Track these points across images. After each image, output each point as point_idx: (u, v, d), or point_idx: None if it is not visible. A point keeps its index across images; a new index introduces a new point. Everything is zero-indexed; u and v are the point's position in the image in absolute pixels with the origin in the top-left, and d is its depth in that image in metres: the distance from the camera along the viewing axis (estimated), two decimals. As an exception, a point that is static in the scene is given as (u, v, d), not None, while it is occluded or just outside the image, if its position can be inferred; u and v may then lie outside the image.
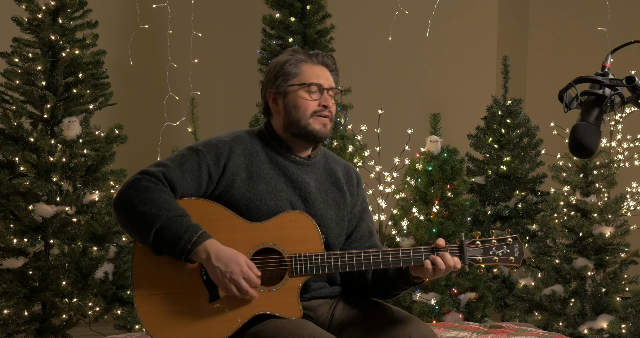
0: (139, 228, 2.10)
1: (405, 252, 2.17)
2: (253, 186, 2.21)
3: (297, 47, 2.34)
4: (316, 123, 2.24)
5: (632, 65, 4.41)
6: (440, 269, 2.14)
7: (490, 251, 2.23)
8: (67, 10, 4.16)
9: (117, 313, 4.06)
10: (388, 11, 5.64)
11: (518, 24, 6.71)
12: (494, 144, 5.35)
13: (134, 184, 2.13)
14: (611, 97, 1.71)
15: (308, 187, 2.27)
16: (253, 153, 2.26)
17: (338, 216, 2.31)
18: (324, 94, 2.26)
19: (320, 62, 2.29)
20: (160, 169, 2.16)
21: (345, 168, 2.41)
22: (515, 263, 2.24)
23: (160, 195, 2.10)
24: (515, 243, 2.25)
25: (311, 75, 2.26)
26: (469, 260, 2.20)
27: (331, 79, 2.29)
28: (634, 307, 4.17)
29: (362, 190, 2.43)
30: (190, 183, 2.17)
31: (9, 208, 3.99)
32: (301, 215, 2.20)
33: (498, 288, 4.93)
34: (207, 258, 2.08)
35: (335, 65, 2.32)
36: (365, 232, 2.38)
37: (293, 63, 2.26)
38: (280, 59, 2.29)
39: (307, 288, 2.24)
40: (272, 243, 2.17)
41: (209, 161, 2.20)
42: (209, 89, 5.33)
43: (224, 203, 2.20)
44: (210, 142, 2.25)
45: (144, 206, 2.08)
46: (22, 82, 4.10)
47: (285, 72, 2.26)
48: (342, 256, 2.16)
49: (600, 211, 4.23)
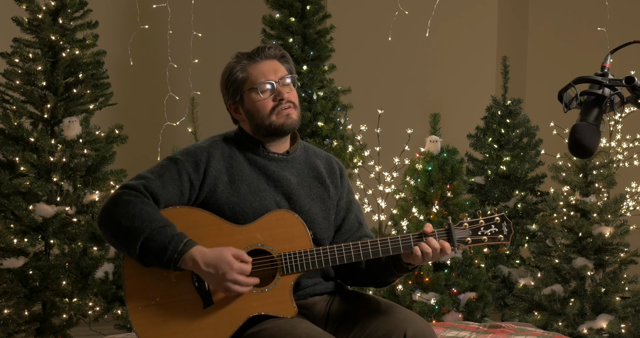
0: (125, 243, 2.10)
1: (394, 240, 2.17)
2: (236, 189, 2.22)
3: (239, 52, 2.33)
4: (279, 118, 2.25)
5: (632, 65, 4.41)
6: (427, 253, 2.15)
7: (479, 232, 2.23)
8: (68, 10, 4.16)
9: (117, 313, 4.07)
10: (388, 11, 5.64)
11: (518, 24, 6.71)
12: (494, 144, 5.35)
13: (115, 200, 2.14)
14: (611, 98, 1.71)
15: (290, 184, 2.27)
16: (232, 156, 2.27)
17: (323, 210, 2.31)
18: (275, 88, 2.25)
19: (264, 57, 2.28)
20: (140, 181, 2.17)
21: (326, 161, 2.40)
22: (504, 241, 2.23)
23: (142, 208, 2.11)
24: (503, 221, 2.24)
25: (257, 75, 2.26)
26: (458, 242, 2.20)
27: (281, 68, 2.29)
28: (634, 306, 4.17)
29: (347, 181, 2.42)
30: (173, 192, 2.18)
31: (9, 208, 3.99)
32: (287, 213, 2.21)
33: (498, 288, 4.94)
34: (196, 266, 2.09)
35: (280, 51, 2.31)
36: (354, 223, 2.38)
37: (239, 69, 2.27)
38: (226, 69, 2.31)
39: (301, 285, 2.24)
40: (261, 244, 2.17)
41: (189, 169, 2.21)
42: (209, 89, 5.31)
43: (209, 208, 2.20)
44: (187, 150, 2.26)
45: (127, 221, 2.09)
46: (23, 82, 4.11)
47: (234, 80, 2.28)
48: (331, 251, 2.17)
49: (600, 211, 4.23)
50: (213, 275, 2.08)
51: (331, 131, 4.65)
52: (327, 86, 4.73)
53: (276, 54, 2.30)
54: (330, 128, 4.63)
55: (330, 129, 4.64)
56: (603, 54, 1.84)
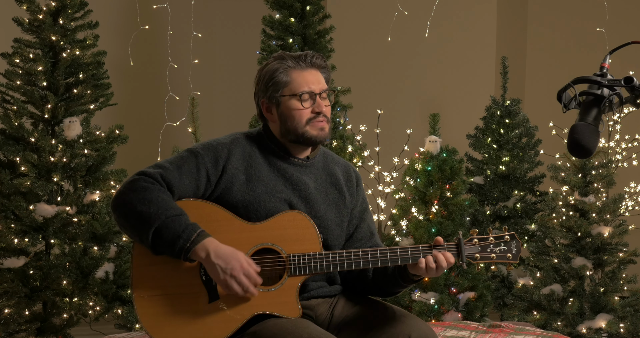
0: (138, 228, 2.10)
1: (403, 251, 2.17)
2: (252, 188, 2.21)
3: (283, 53, 2.31)
4: (313, 130, 2.25)
5: (631, 65, 4.42)
6: (431, 268, 2.15)
7: (488, 249, 2.24)
8: (68, 11, 4.17)
9: (118, 313, 4.08)
10: (387, 12, 5.65)
11: (517, 25, 6.72)
12: (493, 144, 5.36)
13: (131, 185, 2.13)
14: (609, 98, 1.72)
15: (308, 188, 2.27)
16: (252, 156, 2.26)
17: (338, 217, 2.31)
18: (316, 100, 2.25)
19: (309, 65, 2.27)
20: (158, 170, 2.16)
21: (345, 168, 2.40)
22: (512, 260, 2.24)
23: (159, 195, 2.11)
24: (513, 241, 2.25)
25: (301, 82, 2.24)
26: (466, 258, 2.20)
27: (322, 80, 2.28)
28: (632, 306, 4.18)
29: (362, 190, 2.43)
30: (189, 185, 2.18)
31: (10, 207, 4.00)
32: (299, 215, 2.21)
33: (497, 288, 4.94)
34: (207, 257, 2.08)
35: (324, 62, 2.30)
36: (366, 232, 2.38)
37: (282, 72, 2.25)
38: (269, 68, 2.28)
39: (306, 287, 2.24)
40: (271, 243, 2.18)
41: (208, 164, 2.20)
42: (209, 89, 5.34)
43: (222, 205, 2.20)
44: (209, 144, 2.25)
45: (142, 206, 2.09)
46: (23, 82, 4.11)
47: (275, 81, 2.25)
48: (340, 256, 2.17)
49: (599, 211, 4.24)
50: (221, 267, 2.08)
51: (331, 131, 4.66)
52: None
53: (321, 64, 2.29)
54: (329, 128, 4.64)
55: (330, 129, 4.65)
56: (602, 55, 1.85)
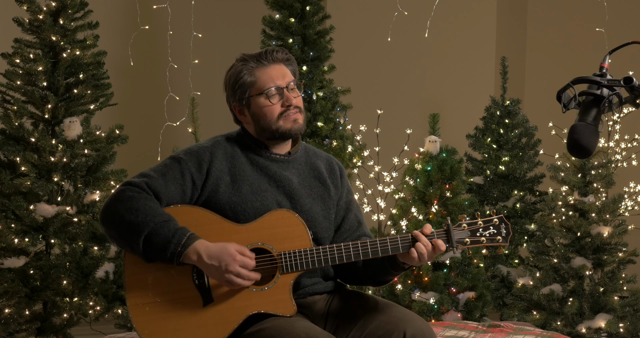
0: (128, 238, 2.12)
1: (393, 240, 2.19)
2: (237, 189, 2.23)
3: (245, 54, 2.32)
4: (286, 123, 2.27)
5: (630, 66, 4.42)
6: (422, 254, 2.16)
7: (477, 233, 2.24)
8: (68, 11, 4.17)
9: (118, 313, 4.08)
10: (387, 12, 5.65)
11: (516, 25, 6.73)
12: (493, 145, 5.36)
13: (118, 196, 2.15)
14: (609, 98, 1.72)
15: (291, 184, 2.29)
16: (234, 156, 2.28)
17: (324, 209, 2.33)
18: (284, 94, 2.27)
19: (272, 61, 2.29)
20: (143, 179, 2.19)
21: (327, 161, 2.42)
22: (503, 242, 2.25)
23: (145, 203, 2.13)
24: (502, 223, 2.25)
25: (266, 80, 2.26)
26: (456, 243, 2.21)
27: (288, 73, 2.30)
28: (632, 306, 4.18)
29: (346, 181, 2.45)
30: (175, 191, 2.20)
31: (10, 207, 4.01)
32: (287, 213, 2.22)
33: (497, 288, 4.95)
34: (199, 259, 2.10)
35: (287, 54, 2.32)
36: (353, 222, 2.40)
37: (246, 72, 2.27)
38: (233, 71, 2.30)
39: (301, 285, 2.26)
40: (261, 243, 2.19)
41: (192, 168, 2.22)
42: (209, 89, 5.33)
43: (210, 208, 2.22)
44: (190, 150, 2.27)
45: (130, 215, 2.11)
46: (23, 82, 4.12)
47: (241, 83, 2.28)
48: (330, 250, 2.19)
49: (598, 211, 4.24)
50: (216, 267, 2.10)
51: (331, 131, 4.67)
52: (327, 87, 4.75)
53: (283, 57, 2.31)
54: (329, 128, 4.65)
55: (330, 130, 4.66)
56: (601, 55, 1.85)
